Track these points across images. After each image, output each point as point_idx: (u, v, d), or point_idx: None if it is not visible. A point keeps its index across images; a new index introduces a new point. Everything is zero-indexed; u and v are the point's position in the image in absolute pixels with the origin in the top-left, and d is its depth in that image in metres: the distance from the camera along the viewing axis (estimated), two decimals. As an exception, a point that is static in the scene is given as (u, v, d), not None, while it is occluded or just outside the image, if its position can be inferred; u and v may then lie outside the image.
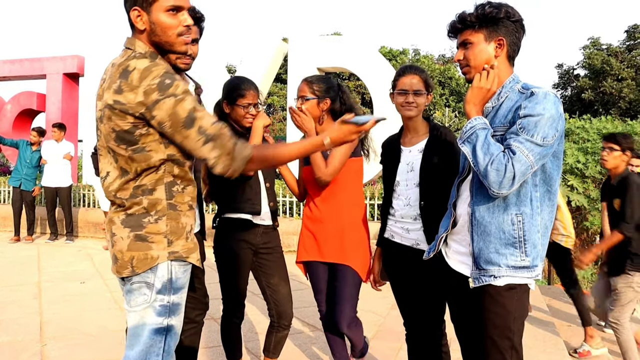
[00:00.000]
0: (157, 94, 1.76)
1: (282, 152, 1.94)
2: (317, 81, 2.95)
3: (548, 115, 1.93)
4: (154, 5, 1.86)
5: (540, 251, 2.06)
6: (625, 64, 26.88)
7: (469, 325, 2.23)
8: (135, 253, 1.89)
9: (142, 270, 1.88)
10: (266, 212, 3.02)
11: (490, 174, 1.94)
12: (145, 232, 1.89)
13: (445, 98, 26.75)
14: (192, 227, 2.03)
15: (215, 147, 1.81)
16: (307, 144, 1.97)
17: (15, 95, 13.14)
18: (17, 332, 4.41)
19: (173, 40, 1.91)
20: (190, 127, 1.79)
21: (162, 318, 1.91)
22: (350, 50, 9.76)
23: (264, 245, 3.04)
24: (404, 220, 2.77)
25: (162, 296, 1.91)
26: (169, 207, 1.92)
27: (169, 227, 1.92)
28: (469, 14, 2.12)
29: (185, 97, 1.79)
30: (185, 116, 1.78)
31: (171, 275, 1.92)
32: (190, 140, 1.81)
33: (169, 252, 1.91)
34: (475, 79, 2.12)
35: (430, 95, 2.79)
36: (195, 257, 2.01)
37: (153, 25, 1.88)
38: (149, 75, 1.78)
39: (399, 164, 2.81)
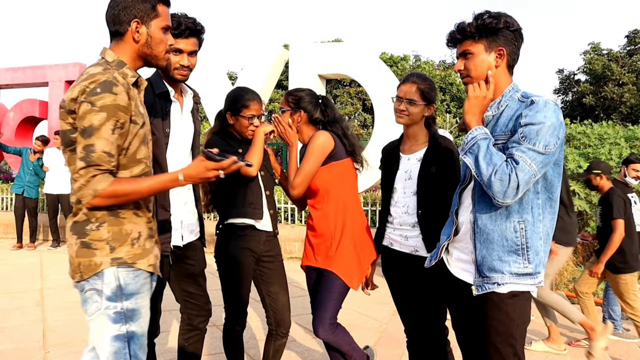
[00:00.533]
0: (83, 96, 1.86)
1: (138, 188, 1.93)
2: (294, 93, 3.00)
3: (549, 123, 1.94)
4: (154, 20, 2.02)
5: (543, 258, 2.07)
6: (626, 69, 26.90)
7: (471, 333, 2.24)
8: (81, 259, 1.94)
9: (88, 275, 1.93)
10: (267, 219, 3.02)
11: (495, 184, 1.95)
12: (88, 239, 1.94)
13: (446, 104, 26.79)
14: (141, 234, 2.02)
15: (85, 170, 1.85)
16: (163, 180, 1.97)
17: (18, 103, 13.18)
18: (20, 340, 4.42)
19: (161, 55, 2.07)
20: (84, 138, 1.85)
21: (119, 325, 1.94)
22: (351, 57, 9.78)
23: (266, 253, 3.04)
24: (403, 227, 2.78)
25: (113, 303, 1.93)
26: (109, 213, 1.95)
27: (110, 233, 1.95)
28: (469, 24, 2.13)
29: (100, 112, 1.84)
30: (87, 126, 1.84)
31: (119, 281, 1.94)
32: (78, 147, 1.87)
33: (111, 259, 1.93)
34: (469, 90, 2.14)
35: (432, 106, 2.77)
36: (145, 263, 2.00)
37: (149, 38, 2.02)
38: (90, 79, 1.87)
39: (397, 172, 2.82)
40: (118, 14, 1.98)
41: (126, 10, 1.97)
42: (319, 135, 2.86)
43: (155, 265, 2.07)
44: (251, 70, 10.60)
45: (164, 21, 2.04)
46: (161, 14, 2.03)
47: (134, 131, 1.97)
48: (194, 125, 2.74)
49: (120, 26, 1.99)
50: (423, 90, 2.73)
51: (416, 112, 2.73)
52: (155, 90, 2.55)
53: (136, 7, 1.98)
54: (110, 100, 1.85)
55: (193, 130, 2.74)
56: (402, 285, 2.87)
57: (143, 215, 2.05)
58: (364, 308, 5.39)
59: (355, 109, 27.58)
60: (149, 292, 2.07)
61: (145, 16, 1.99)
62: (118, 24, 1.99)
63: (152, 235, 2.10)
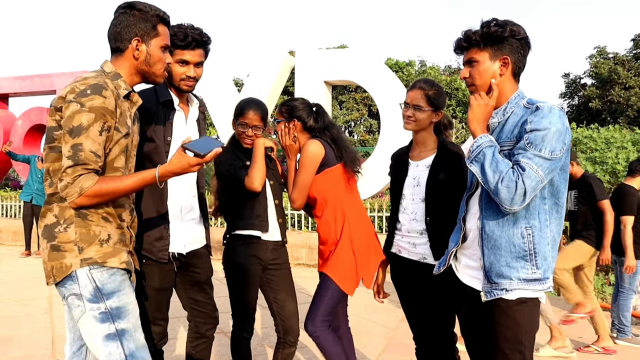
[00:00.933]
0: (72, 96, 1.92)
1: (122, 186, 1.97)
2: (287, 103, 3.03)
3: (554, 129, 1.95)
4: (154, 39, 2.11)
5: (551, 263, 2.07)
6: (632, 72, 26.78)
7: (480, 339, 2.23)
8: (53, 263, 1.98)
9: (60, 278, 1.96)
10: (275, 228, 3.03)
11: (502, 192, 1.96)
12: (57, 242, 1.97)
13: (452, 109, 26.76)
14: (111, 236, 2.04)
15: (73, 167, 1.89)
16: (140, 178, 2.00)
17: (26, 111, 13.28)
18: (30, 347, 4.44)
19: (158, 73, 2.16)
20: (72, 137, 1.90)
21: (107, 324, 1.95)
22: (357, 63, 9.80)
23: (273, 261, 3.04)
24: (411, 234, 2.78)
25: (96, 304, 1.95)
26: (76, 214, 1.98)
27: (78, 234, 1.97)
28: (474, 32, 2.15)
29: (89, 112, 1.90)
30: (76, 125, 1.90)
31: (95, 283, 1.96)
32: (65, 146, 1.91)
33: (81, 259, 1.96)
34: (472, 99, 2.15)
35: (440, 112, 2.77)
36: (117, 261, 2.01)
37: (148, 56, 2.11)
38: (81, 81, 1.95)
39: (406, 178, 2.82)
40: (120, 32, 2.07)
41: (128, 29, 2.07)
42: (308, 145, 2.86)
43: (129, 262, 2.07)
44: (257, 77, 10.64)
45: (163, 40, 2.14)
46: (161, 33, 2.13)
47: (115, 138, 2.02)
48: (200, 134, 2.76)
49: (121, 43, 2.08)
50: (430, 96, 2.73)
51: (423, 118, 2.74)
52: (159, 98, 2.57)
53: (137, 25, 2.07)
54: (99, 102, 1.92)
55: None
56: (411, 292, 2.87)
57: (113, 220, 2.07)
58: (372, 314, 5.38)
59: (361, 114, 27.59)
60: (131, 288, 2.07)
61: (145, 35, 2.09)
62: (119, 41, 2.08)
63: (124, 240, 2.10)
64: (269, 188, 3.03)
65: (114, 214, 2.08)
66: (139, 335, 2.04)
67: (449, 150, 2.75)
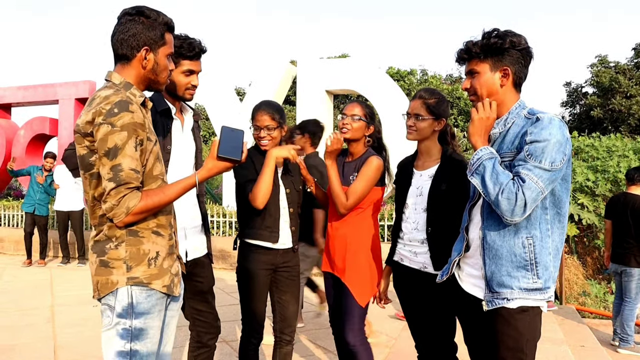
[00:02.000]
0: (101, 118, 1.88)
1: (166, 198, 2.00)
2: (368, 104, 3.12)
3: (554, 140, 1.96)
4: (162, 48, 2.08)
5: (552, 273, 2.08)
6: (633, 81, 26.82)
7: (482, 348, 2.24)
8: (100, 278, 1.98)
9: (104, 293, 1.98)
10: (286, 236, 3.06)
11: (502, 203, 1.97)
12: (107, 258, 1.98)
13: (454, 118, 26.80)
14: (159, 254, 2.04)
15: (116, 188, 1.88)
16: (182, 186, 2.03)
17: (29, 121, 13.31)
18: (31, 357, 4.43)
19: (163, 81, 2.14)
20: (110, 159, 1.88)
21: (124, 342, 1.96)
22: (358, 72, 9.84)
23: (284, 264, 3.09)
24: (412, 243, 2.79)
25: (123, 320, 1.96)
26: (128, 233, 1.98)
27: (128, 252, 1.97)
28: (474, 43, 2.16)
29: (121, 131, 1.88)
30: (111, 147, 1.88)
31: (132, 299, 1.97)
32: (103, 169, 1.90)
33: (127, 278, 1.96)
34: (473, 113, 2.16)
35: (442, 121, 2.78)
36: (160, 284, 2.02)
37: (156, 65, 2.08)
38: (104, 101, 1.90)
39: (410, 187, 2.84)
40: (127, 40, 2.01)
41: (136, 37, 2.01)
42: (375, 160, 2.95)
43: (170, 286, 2.07)
44: (259, 86, 10.68)
45: (170, 48, 2.12)
46: (168, 41, 2.10)
47: (149, 148, 2.00)
48: (195, 142, 2.78)
49: (129, 51, 2.03)
50: (429, 104, 2.75)
51: (424, 126, 2.75)
52: (157, 107, 2.60)
53: (146, 34, 2.02)
54: (128, 118, 1.89)
55: (195, 148, 2.78)
56: (412, 301, 2.87)
57: (165, 233, 2.08)
58: (374, 323, 5.37)
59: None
60: (161, 313, 2.07)
61: (154, 44, 2.04)
62: (127, 49, 2.03)
63: (172, 252, 2.13)
64: (285, 196, 3.06)
65: (165, 224, 2.09)
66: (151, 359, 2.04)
67: (452, 160, 2.76)
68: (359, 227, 3.01)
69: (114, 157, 1.88)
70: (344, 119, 3.02)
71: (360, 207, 2.99)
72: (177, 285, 2.13)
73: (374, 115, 3.11)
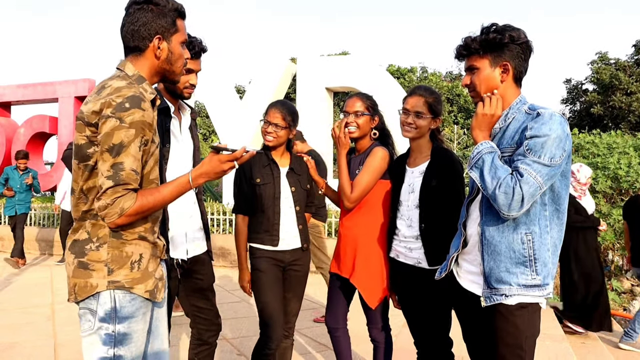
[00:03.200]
0: (110, 110, 1.78)
1: (161, 199, 1.90)
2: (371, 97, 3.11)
3: (554, 135, 1.95)
4: (175, 35, 1.98)
5: (551, 269, 2.07)
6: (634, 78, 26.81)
7: (481, 344, 2.23)
8: (77, 280, 1.88)
9: (82, 297, 1.87)
10: (293, 237, 3.07)
11: (499, 198, 1.96)
12: (87, 259, 1.87)
13: (454, 115, 26.79)
14: (143, 256, 1.94)
15: (113, 187, 1.79)
16: (176, 186, 1.93)
17: (28, 119, 13.32)
18: (31, 355, 4.43)
19: (179, 71, 2.05)
20: (112, 155, 1.78)
21: (107, 347, 1.87)
22: (358, 70, 9.83)
23: (294, 262, 3.10)
24: (407, 239, 2.79)
25: (106, 324, 1.87)
26: (111, 234, 1.88)
27: (110, 255, 1.87)
28: (473, 39, 2.15)
29: (129, 128, 1.78)
30: (116, 143, 1.78)
31: (115, 304, 1.87)
32: (104, 165, 1.80)
33: (108, 281, 1.86)
34: (478, 107, 2.15)
35: (438, 119, 2.79)
36: (143, 289, 1.92)
37: (170, 54, 1.98)
38: (116, 92, 1.81)
39: (403, 185, 2.84)
40: (138, 30, 1.92)
41: (146, 26, 1.92)
42: (381, 151, 2.90)
43: (153, 292, 1.97)
44: (259, 84, 10.67)
45: (183, 35, 2.02)
46: (180, 28, 2.00)
47: (151, 150, 1.93)
48: (193, 141, 2.78)
49: (140, 42, 1.93)
50: (430, 103, 2.74)
51: (424, 125, 2.75)
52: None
53: (157, 22, 1.93)
54: (139, 116, 1.80)
55: (192, 146, 2.77)
56: (409, 297, 2.88)
57: (149, 236, 1.98)
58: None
59: (362, 121, 27.57)
60: (146, 316, 1.98)
61: (166, 32, 1.95)
62: (138, 40, 1.93)
63: (155, 254, 2.03)
64: (290, 196, 3.07)
65: (150, 228, 1.98)
66: None
67: (441, 156, 2.75)
68: (371, 226, 2.95)
69: (117, 155, 1.78)
70: (348, 117, 2.96)
71: (369, 203, 2.93)
72: (160, 291, 2.02)
73: (376, 104, 3.05)
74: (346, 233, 3.02)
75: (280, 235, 3.02)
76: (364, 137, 3.01)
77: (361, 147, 3.05)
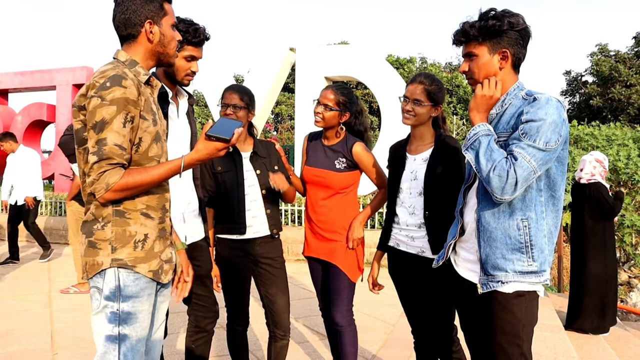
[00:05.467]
0: (93, 91, 1.87)
1: (149, 178, 1.93)
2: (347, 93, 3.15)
3: (550, 120, 1.93)
4: (164, 18, 2.07)
5: (547, 256, 2.06)
6: (633, 70, 26.75)
7: (479, 333, 2.23)
8: (87, 259, 1.96)
9: (91, 274, 1.95)
10: (261, 223, 3.06)
11: (493, 180, 1.95)
12: (94, 239, 1.95)
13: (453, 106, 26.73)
14: (148, 237, 2.00)
15: (98, 162, 1.85)
16: (167, 169, 1.96)
17: (26, 107, 13.27)
18: (28, 342, 4.44)
19: (172, 52, 2.12)
20: (96, 132, 1.86)
21: (112, 325, 1.93)
22: (358, 59, 9.78)
23: (263, 255, 3.08)
24: (409, 228, 2.78)
25: (111, 303, 1.93)
26: (114, 213, 1.95)
27: (113, 233, 1.94)
28: (471, 26, 2.12)
29: (110, 105, 1.85)
30: (98, 120, 1.86)
31: (118, 282, 1.93)
32: (90, 142, 1.88)
33: (112, 259, 1.93)
34: (477, 88, 2.13)
35: (439, 107, 2.77)
36: (146, 268, 1.98)
37: (162, 37, 2.07)
38: (99, 74, 1.90)
39: (404, 172, 2.82)
40: (129, 18, 2.01)
41: (136, 13, 2.01)
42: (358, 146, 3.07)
43: (157, 272, 2.02)
44: (258, 73, 10.63)
45: (172, 18, 2.10)
46: (168, 11, 2.08)
47: (143, 127, 1.97)
48: (190, 126, 2.78)
49: (133, 28, 2.02)
50: (430, 91, 2.72)
51: (422, 112, 2.73)
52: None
53: (146, 8, 2.01)
54: (120, 93, 1.86)
55: (190, 132, 2.77)
56: (409, 286, 2.87)
57: (155, 215, 2.03)
58: (372, 310, 5.38)
59: (361, 111, 27.52)
60: (151, 297, 2.02)
61: (155, 15, 2.03)
62: (131, 27, 2.02)
63: (164, 236, 2.08)
64: (256, 181, 3.06)
65: (155, 206, 2.04)
66: (140, 346, 2.00)
67: (446, 144, 2.74)
68: (346, 209, 3.12)
69: (100, 131, 1.85)
70: (317, 107, 3.07)
71: (345, 190, 3.10)
72: (166, 273, 2.07)
73: (350, 102, 3.10)
74: (320, 218, 3.11)
75: (247, 222, 3.01)
76: (332, 128, 3.10)
77: (331, 136, 3.14)
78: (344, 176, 3.06)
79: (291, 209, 9.12)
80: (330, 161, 3.07)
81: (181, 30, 2.43)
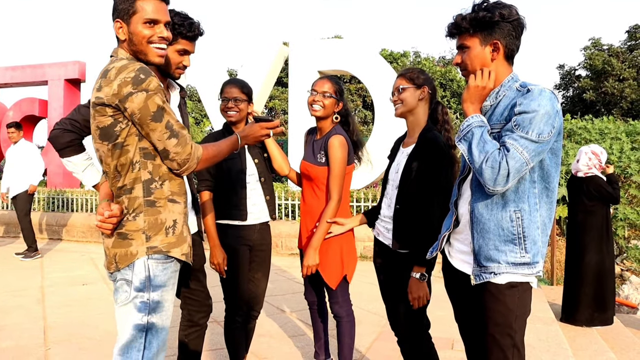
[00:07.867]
0: (130, 87, 1.90)
1: (219, 149, 2.15)
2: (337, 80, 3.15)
3: (543, 111, 1.93)
4: (133, 17, 2.05)
5: (541, 248, 2.06)
6: (626, 64, 26.85)
7: (472, 324, 2.23)
8: (118, 250, 2.01)
9: (123, 266, 2.00)
10: (261, 210, 3.16)
11: (485, 172, 1.95)
12: (125, 230, 2.01)
13: (447, 100, 26.78)
14: (177, 222, 2.09)
15: (179, 143, 1.98)
16: (230, 143, 2.20)
17: (17, 102, 13.18)
18: (21, 337, 4.42)
19: (147, 50, 2.09)
20: (159, 120, 1.94)
21: (142, 315, 2.00)
22: (351, 53, 9.77)
23: (259, 241, 3.19)
24: (385, 219, 2.81)
25: (141, 293, 2.00)
26: (146, 204, 2.01)
27: (146, 223, 2.01)
28: (463, 17, 2.12)
29: (156, 93, 1.94)
30: (155, 110, 1.93)
31: (149, 272, 2.00)
32: (157, 132, 1.95)
33: (147, 247, 2.00)
34: (470, 79, 2.13)
35: (424, 88, 2.71)
36: (179, 252, 2.07)
37: (131, 35, 2.07)
38: (124, 70, 1.93)
39: (392, 164, 2.86)
40: (112, 19, 2.09)
41: (114, 13, 2.07)
42: (334, 139, 2.98)
43: (188, 255, 2.13)
44: (251, 67, 10.60)
45: (144, 15, 2.04)
46: (139, 9, 2.04)
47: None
48: (182, 119, 2.77)
49: (115, 29, 2.08)
50: (408, 76, 2.74)
51: (407, 96, 2.71)
52: None
53: (119, 8, 2.06)
54: (156, 81, 1.95)
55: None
56: (383, 276, 2.89)
57: (180, 200, 2.11)
58: (365, 303, 5.39)
59: (355, 105, 27.57)
60: (174, 286, 2.12)
61: (125, 15, 2.05)
62: (114, 27, 2.09)
63: (187, 221, 2.18)
64: (255, 169, 3.14)
65: (179, 192, 2.11)
66: (164, 334, 2.07)
67: (426, 140, 2.67)
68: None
69: (162, 118, 1.94)
70: (315, 96, 3.03)
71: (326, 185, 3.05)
72: (191, 255, 2.19)
73: (343, 91, 3.13)
74: (308, 210, 3.13)
75: (248, 209, 3.10)
76: (327, 118, 3.08)
77: (323, 127, 3.12)
78: (325, 170, 3.03)
79: (284, 203, 9.11)
80: (314, 155, 3.09)
81: (176, 23, 2.45)
